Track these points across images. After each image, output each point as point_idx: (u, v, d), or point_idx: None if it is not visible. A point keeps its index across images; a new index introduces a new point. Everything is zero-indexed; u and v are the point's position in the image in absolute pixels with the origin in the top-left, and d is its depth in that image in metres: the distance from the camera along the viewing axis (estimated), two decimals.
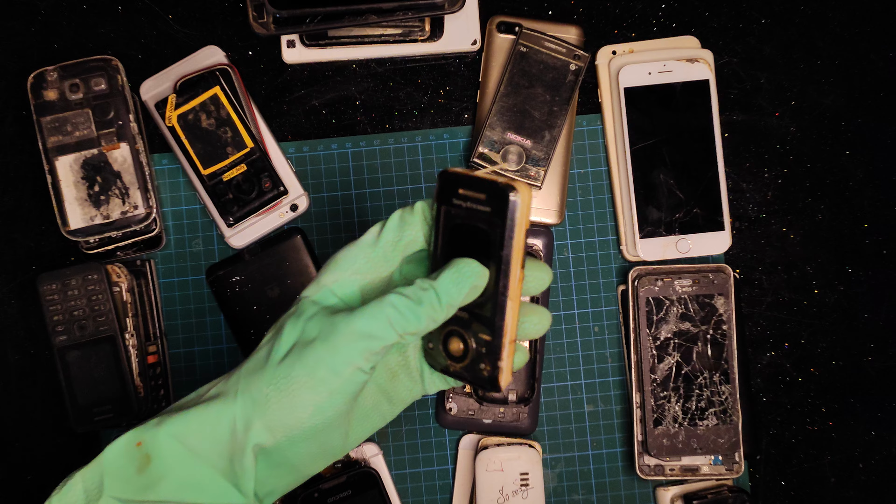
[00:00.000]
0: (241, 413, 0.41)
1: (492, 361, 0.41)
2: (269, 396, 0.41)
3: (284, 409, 0.41)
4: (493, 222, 0.40)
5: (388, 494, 0.63)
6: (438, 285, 0.40)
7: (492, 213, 0.40)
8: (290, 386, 0.41)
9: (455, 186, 0.41)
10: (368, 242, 0.43)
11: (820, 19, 0.68)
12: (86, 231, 0.62)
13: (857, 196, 0.68)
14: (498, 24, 0.66)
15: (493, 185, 0.40)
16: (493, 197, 0.40)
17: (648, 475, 0.65)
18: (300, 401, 0.41)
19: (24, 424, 0.66)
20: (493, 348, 0.41)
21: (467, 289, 0.41)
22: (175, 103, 0.63)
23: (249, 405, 0.41)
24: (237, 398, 0.42)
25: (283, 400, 0.41)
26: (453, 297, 0.41)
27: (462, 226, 0.41)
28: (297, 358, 0.41)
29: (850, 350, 0.67)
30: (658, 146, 0.65)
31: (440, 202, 0.42)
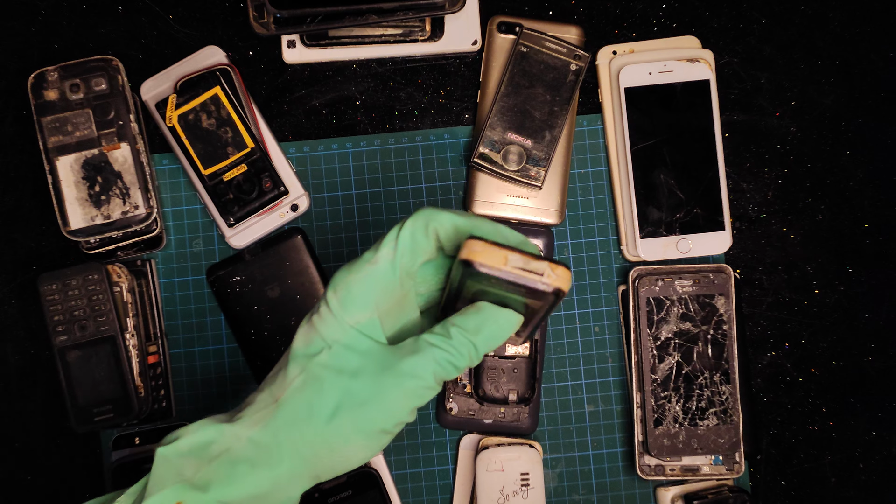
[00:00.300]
0: (287, 470, 0.42)
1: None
2: (321, 455, 0.42)
3: (336, 463, 0.42)
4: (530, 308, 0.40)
5: (388, 494, 0.63)
6: (479, 343, 0.41)
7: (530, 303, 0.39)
8: (345, 447, 0.41)
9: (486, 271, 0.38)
10: (383, 271, 0.41)
11: (820, 19, 0.68)
12: (86, 231, 0.62)
13: (857, 196, 0.68)
14: (498, 24, 0.66)
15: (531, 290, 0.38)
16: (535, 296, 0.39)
17: (649, 475, 0.65)
18: (354, 457, 0.42)
19: (24, 424, 0.66)
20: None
21: (505, 339, 0.42)
22: (175, 103, 0.63)
23: (299, 463, 0.42)
24: (284, 458, 0.41)
25: (336, 457, 0.42)
26: (490, 348, 0.41)
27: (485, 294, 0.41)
28: (350, 423, 0.41)
29: (850, 350, 0.67)
30: (658, 146, 0.65)
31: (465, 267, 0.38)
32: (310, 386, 0.41)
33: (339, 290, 0.41)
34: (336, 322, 0.41)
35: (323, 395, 0.41)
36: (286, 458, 0.41)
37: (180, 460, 0.42)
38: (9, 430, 0.66)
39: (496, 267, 0.38)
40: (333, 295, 0.42)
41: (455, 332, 0.41)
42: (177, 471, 0.42)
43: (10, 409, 0.66)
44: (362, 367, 0.41)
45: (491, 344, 0.41)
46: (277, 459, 0.41)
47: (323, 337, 0.41)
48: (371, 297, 0.41)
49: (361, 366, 0.41)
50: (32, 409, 0.66)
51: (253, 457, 0.41)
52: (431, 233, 0.41)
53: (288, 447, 0.41)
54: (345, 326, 0.41)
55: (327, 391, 0.41)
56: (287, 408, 0.41)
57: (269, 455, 0.41)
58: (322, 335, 0.42)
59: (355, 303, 0.41)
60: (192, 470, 0.41)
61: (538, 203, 0.66)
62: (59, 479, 0.66)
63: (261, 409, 0.42)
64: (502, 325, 0.41)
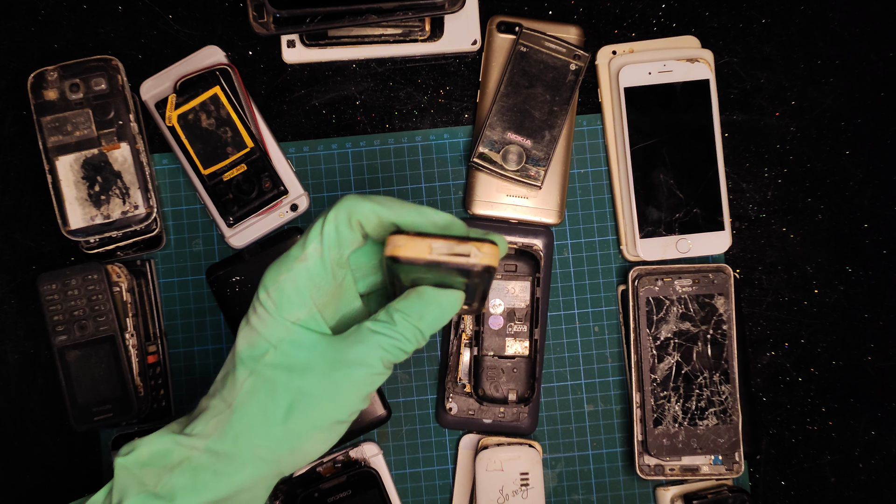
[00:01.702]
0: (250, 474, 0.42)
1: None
2: (282, 456, 0.42)
3: (298, 460, 0.43)
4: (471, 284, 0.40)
5: (388, 494, 0.63)
6: (423, 327, 0.41)
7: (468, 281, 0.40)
8: (302, 443, 0.42)
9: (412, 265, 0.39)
10: (314, 266, 0.41)
11: (820, 19, 0.68)
12: (86, 231, 0.62)
13: (857, 196, 0.68)
14: (498, 23, 0.66)
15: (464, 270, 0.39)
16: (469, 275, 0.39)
17: (648, 475, 0.65)
18: (312, 451, 0.43)
19: (24, 424, 0.66)
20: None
21: (448, 319, 0.42)
22: (175, 103, 0.63)
23: (262, 467, 0.42)
24: (245, 463, 0.42)
25: (296, 455, 0.42)
26: (436, 329, 0.42)
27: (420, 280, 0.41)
28: (305, 420, 0.41)
29: (850, 350, 0.67)
30: (658, 146, 0.65)
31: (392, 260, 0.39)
32: (261, 389, 0.41)
33: (272, 290, 0.42)
34: (276, 321, 0.41)
35: (275, 396, 0.41)
36: (248, 464, 0.42)
37: (140, 471, 0.42)
38: (8, 429, 0.66)
39: (422, 258, 0.38)
40: (267, 296, 0.42)
41: (399, 317, 0.41)
42: (138, 481, 0.42)
43: (9, 408, 0.66)
44: (310, 362, 0.41)
45: (436, 325, 0.41)
46: (239, 465, 0.42)
47: (266, 338, 0.42)
48: (305, 294, 0.41)
49: (309, 361, 0.41)
50: (32, 408, 0.66)
51: (214, 465, 0.42)
52: (355, 224, 0.41)
53: (248, 452, 0.42)
54: (286, 324, 0.41)
55: (279, 392, 0.41)
56: (241, 413, 0.42)
57: (230, 462, 0.42)
58: (265, 336, 0.42)
59: (290, 301, 0.41)
60: (154, 480, 0.42)
61: (538, 203, 0.66)
62: (58, 479, 0.66)
63: (215, 415, 0.42)
64: (445, 307, 0.41)
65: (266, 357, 0.42)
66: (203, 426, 0.42)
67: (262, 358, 0.42)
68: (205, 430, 0.42)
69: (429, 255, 0.38)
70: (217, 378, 0.44)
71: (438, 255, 0.38)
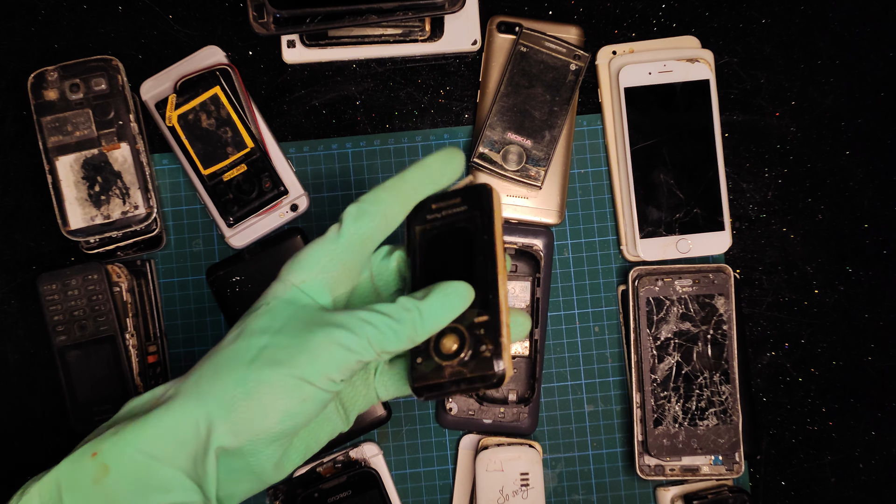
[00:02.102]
0: (204, 414, 0.40)
1: (493, 339, 0.40)
2: (237, 399, 0.40)
3: (253, 413, 0.40)
4: (473, 215, 0.42)
5: (388, 494, 0.63)
6: (424, 307, 0.40)
7: (470, 209, 0.43)
8: (260, 390, 0.39)
9: (426, 205, 0.44)
10: (331, 238, 0.43)
11: (820, 19, 0.68)
12: (86, 231, 0.62)
13: (857, 196, 0.68)
14: (498, 24, 0.66)
15: (468, 188, 0.44)
16: (470, 195, 0.43)
17: (648, 475, 0.65)
18: (270, 406, 0.39)
19: (24, 424, 0.66)
20: (492, 325, 0.40)
21: (456, 312, 0.40)
22: (175, 103, 0.63)
23: (214, 406, 0.40)
24: (201, 398, 0.40)
25: (252, 403, 0.39)
26: (438, 319, 0.40)
27: (441, 234, 0.43)
28: (269, 362, 0.40)
29: (850, 350, 0.67)
30: (658, 146, 0.65)
31: (413, 224, 0.44)
32: (241, 338, 0.41)
33: (290, 262, 0.43)
34: (280, 283, 0.43)
35: (250, 342, 0.41)
36: (203, 400, 0.40)
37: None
38: (9, 429, 0.66)
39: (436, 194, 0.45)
40: (285, 267, 0.44)
41: (402, 300, 0.40)
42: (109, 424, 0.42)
43: (9, 408, 0.66)
44: (295, 317, 0.41)
45: (439, 314, 0.40)
46: (194, 401, 0.40)
47: (266, 299, 0.43)
48: (315, 262, 0.42)
49: (294, 316, 0.41)
50: (32, 408, 0.66)
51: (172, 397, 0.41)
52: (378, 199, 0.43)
53: (206, 390, 0.40)
54: (287, 285, 0.43)
55: (255, 337, 0.41)
56: (215, 359, 0.41)
57: (184, 397, 0.40)
58: (265, 298, 0.43)
59: (300, 266, 0.43)
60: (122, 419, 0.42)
61: (538, 203, 0.66)
62: None
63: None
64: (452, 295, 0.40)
65: (257, 311, 0.42)
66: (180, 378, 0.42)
67: (253, 313, 0.42)
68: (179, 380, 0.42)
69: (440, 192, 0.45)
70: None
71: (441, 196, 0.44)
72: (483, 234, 0.42)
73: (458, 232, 0.43)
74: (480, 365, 0.40)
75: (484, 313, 0.41)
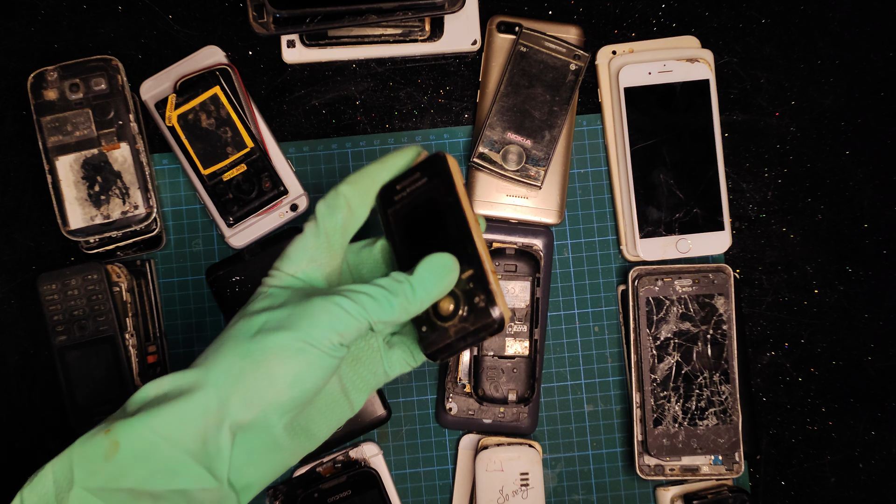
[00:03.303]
0: (213, 390, 0.41)
1: (483, 289, 0.43)
2: (245, 369, 0.41)
3: (262, 380, 0.41)
4: (434, 185, 0.45)
5: (388, 494, 0.63)
6: (414, 279, 0.42)
7: (430, 179, 0.45)
8: (266, 357, 0.41)
9: (391, 188, 0.46)
10: (312, 233, 0.45)
11: (820, 19, 0.68)
12: (86, 231, 0.62)
13: (857, 196, 0.68)
14: (498, 24, 0.66)
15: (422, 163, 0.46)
16: (427, 167, 0.45)
17: (648, 475, 0.65)
18: (278, 371, 0.41)
19: (24, 424, 0.66)
20: (478, 277, 0.43)
21: (444, 281, 0.42)
22: (175, 103, 0.63)
23: (222, 380, 0.41)
24: (209, 373, 0.41)
25: (260, 371, 0.40)
26: (429, 290, 0.42)
27: (410, 210, 0.45)
28: (272, 330, 0.41)
29: (850, 350, 0.67)
30: (658, 146, 0.65)
31: (384, 208, 0.46)
32: (243, 320, 0.43)
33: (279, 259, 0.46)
34: (276, 274, 0.45)
35: (251, 323, 0.42)
36: (211, 375, 0.41)
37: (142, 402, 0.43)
38: (8, 430, 0.66)
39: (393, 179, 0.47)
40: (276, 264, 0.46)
41: (394, 273, 0.43)
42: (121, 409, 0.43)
43: (9, 409, 0.66)
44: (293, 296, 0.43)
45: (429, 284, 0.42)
46: (203, 381, 0.41)
47: (263, 290, 0.45)
48: (302, 254, 0.45)
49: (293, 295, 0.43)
50: (32, 409, 0.66)
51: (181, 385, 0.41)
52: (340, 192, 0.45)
53: (213, 365, 0.41)
54: (282, 276, 0.45)
55: (255, 318, 0.42)
56: (219, 342, 0.42)
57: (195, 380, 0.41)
58: (263, 289, 0.45)
59: (291, 260, 0.45)
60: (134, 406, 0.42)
61: (538, 203, 0.66)
62: None
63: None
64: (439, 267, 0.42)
65: (257, 298, 0.44)
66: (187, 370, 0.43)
67: (253, 302, 0.44)
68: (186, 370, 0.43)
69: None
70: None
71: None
72: (447, 196, 0.44)
73: (424, 203, 0.45)
74: (479, 316, 0.43)
75: (468, 268, 0.43)
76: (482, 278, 0.43)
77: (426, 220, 0.45)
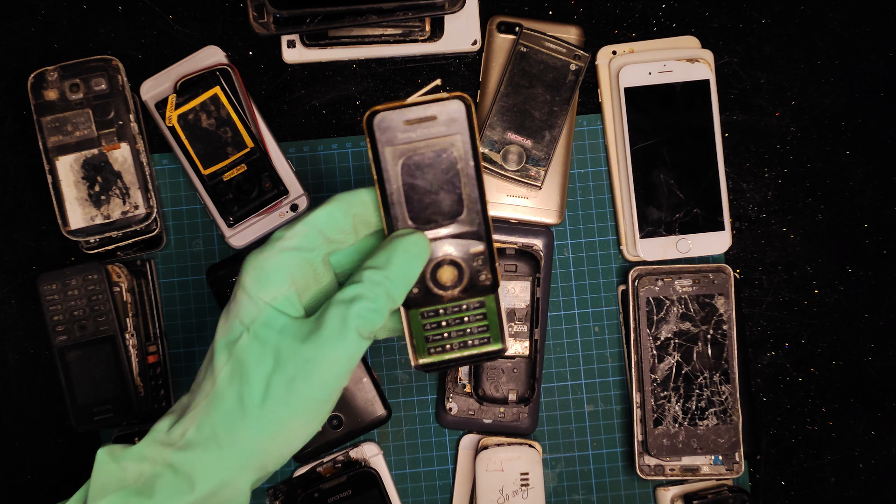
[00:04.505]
0: (232, 466, 0.40)
1: (491, 268, 0.42)
2: (264, 444, 0.40)
3: (280, 447, 0.41)
4: (454, 139, 0.40)
5: (388, 494, 0.63)
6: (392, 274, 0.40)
7: (449, 129, 0.40)
8: (283, 428, 0.40)
9: (396, 121, 0.40)
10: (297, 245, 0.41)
11: (820, 19, 0.68)
12: (86, 231, 0.62)
13: (857, 196, 0.68)
14: (498, 24, 0.66)
15: (441, 101, 0.40)
16: (447, 112, 0.40)
17: (648, 475, 0.65)
18: (296, 436, 0.41)
19: (24, 424, 0.66)
20: (488, 256, 0.42)
21: (419, 267, 0.41)
22: (175, 103, 0.63)
23: (242, 457, 0.40)
24: (225, 455, 0.40)
25: (279, 442, 0.41)
26: (408, 278, 0.41)
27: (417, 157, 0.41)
28: (283, 402, 0.40)
29: (850, 350, 0.67)
30: (658, 146, 0.65)
31: (381, 144, 0.40)
32: (237, 373, 0.40)
33: (251, 271, 0.41)
34: (251, 302, 0.41)
35: (250, 380, 0.40)
36: (228, 455, 0.40)
37: (121, 465, 0.41)
38: (9, 430, 0.66)
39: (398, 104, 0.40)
40: (246, 276, 0.41)
41: (367, 274, 0.40)
42: (118, 476, 0.41)
43: (9, 409, 0.66)
44: (282, 343, 0.40)
45: (405, 272, 0.40)
46: (218, 458, 0.40)
47: (241, 319, 0.41)
48: (285, 273, 0.41)
49: (281, 342, 0.40)
50: (32, 408, 0.66)
51: (194, 458, 0.40)
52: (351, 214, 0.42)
53: (227, 443, 0.40)
54: (260, 305, 0.41)
55: (253, 376, 0.40)
56: (219, 402, 0.40)
57: (209, 454, 0.40)
58: (240, 318, 0.41)
59: (269, 279, 0.41)
60: (135, 475, 0.41)
61: (538, 203, 0.66)
62: (59, 479, 0.66)
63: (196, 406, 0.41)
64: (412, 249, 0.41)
65: (240, 341, 0.41)
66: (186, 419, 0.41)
67: (236, 342, 0.41)
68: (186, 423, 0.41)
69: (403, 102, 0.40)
70: (199, 371, 0.43)
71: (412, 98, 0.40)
72: (469, 159, 0.40)
73: (439, 156, 0.40)
74: (480, 292, 0.43)
75: (480, 243, 0.42)
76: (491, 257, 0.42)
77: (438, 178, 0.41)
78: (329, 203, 0.42)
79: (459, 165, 0.40)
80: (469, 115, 0.40)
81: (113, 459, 0.41)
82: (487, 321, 0.44)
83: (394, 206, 0.41)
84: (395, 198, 0.41)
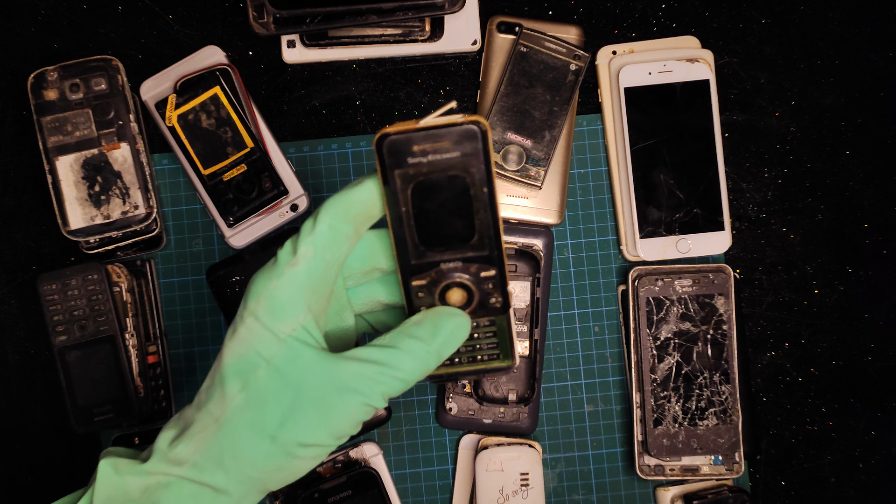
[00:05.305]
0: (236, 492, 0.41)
1: (502, 292, 0.42)
2: (269, 473, 0.40)
3: (286, 477, 0.41)
4: (468, 162, 0.39)
5: (388, 494, 0.63)
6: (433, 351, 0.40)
7: (463, 155, 0.38)
8: (290, 462, 0.40)
9: (407, 145, 0.38)
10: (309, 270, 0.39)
11: (820, 19, 0.68)
12: (86, 231, 0.62)
13: (857, 196, 0.68)
14: (498, 24, 0.66)
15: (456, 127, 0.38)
16: (461, 138, 0.38)
17: (648, 475, 0.65)
18: (301, 468, 0.41)
19: (24, 425, 0.66)
20: (499, 280, 0.42)
21: (456, 348, 0.41)
22: (175, 103, 0.63)
23: (247, 483, 0.41)
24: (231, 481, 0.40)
25: (284, 472, 0.41)
26: (444, 358, 0.41)
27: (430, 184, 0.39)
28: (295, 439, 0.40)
29: (850, 350, 0.67)
30: (658, 146, 0.65)
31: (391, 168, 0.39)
32: (252, 405, 0.39)
33: (263, 299, 0.39)
34: (269, 334, 0.39)
35: (266, 414, 0.39)
36: (233, 481, 0.40)
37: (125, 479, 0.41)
38: (9, 430, 0.66)
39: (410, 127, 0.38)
40: (258, 305, 0.39)
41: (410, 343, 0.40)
42: (122, 491, 0.41)
43: (9, 409, 0.66)
44: (305, 381, 0.39)
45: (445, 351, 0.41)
46: (224, 483, 0.40)
47: (258, 351, 0.39)
48: (300, 301, 0.39)
49: (304, 380, 0.39)
50: (32, 409, 0.66)
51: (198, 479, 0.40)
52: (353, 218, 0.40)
53: (234, 469, 0.40)
54: (280, 338, 0.39)
55: (270, 409, 0.39)
56: (228, 429, 0.40)
57: (214, 478, 0.40)
58: (257, 350, 0.39)
59: (284, 310, 0.39)
60: (139, 490, 0.41)
61: (538, 203, 0.66)
62: (59, 480, 0.66)
63: (201, 430, 0.40)
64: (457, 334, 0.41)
65: (258, 372, 0.39)
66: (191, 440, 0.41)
67: (253, 373, 0.39)
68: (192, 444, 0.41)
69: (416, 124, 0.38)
70: (202, 388, 0.42)
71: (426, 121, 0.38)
72: (482, 185, 0.39)
73: (452, 181, 0.39)
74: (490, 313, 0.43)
75: (491, 268, 0.41)
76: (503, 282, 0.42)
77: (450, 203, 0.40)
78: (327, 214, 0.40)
79: (472, 191, 0.39)
80: (484, 141, 0.38)
81: (117, 473, 0.41)
82: (497, 339, 0.44)
83: (403, 229, 0.40)
84: (405, 221, 0.40)
